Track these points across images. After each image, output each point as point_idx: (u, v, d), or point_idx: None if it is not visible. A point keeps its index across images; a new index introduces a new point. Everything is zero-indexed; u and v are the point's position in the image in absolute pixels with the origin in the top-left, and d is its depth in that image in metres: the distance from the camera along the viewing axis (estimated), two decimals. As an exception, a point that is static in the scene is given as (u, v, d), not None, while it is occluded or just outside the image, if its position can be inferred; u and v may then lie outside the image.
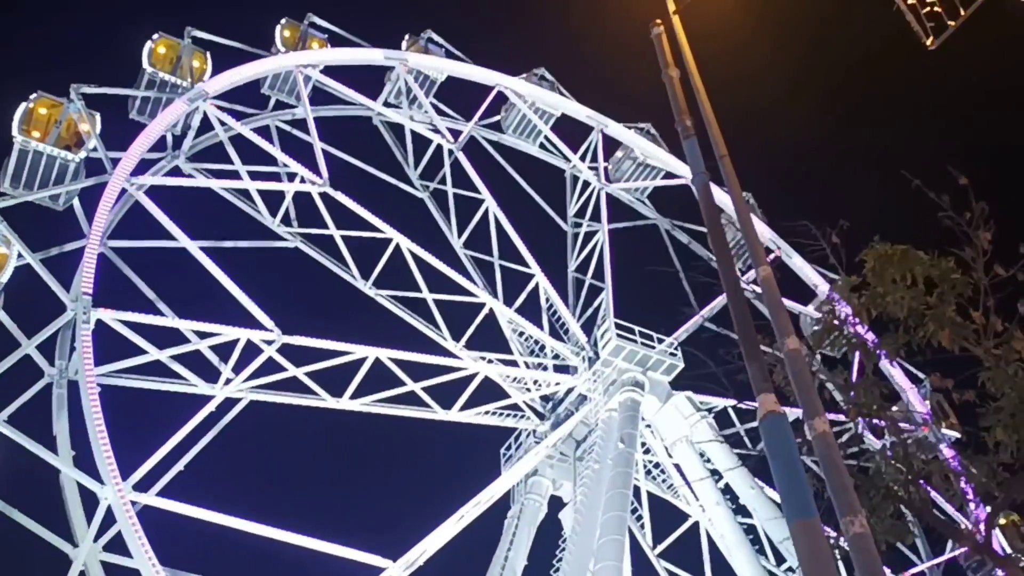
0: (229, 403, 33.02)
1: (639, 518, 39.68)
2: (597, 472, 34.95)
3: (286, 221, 40.06)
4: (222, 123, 38.56)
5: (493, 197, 44.41)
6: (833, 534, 10.79)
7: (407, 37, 49.21)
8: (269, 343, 33.07)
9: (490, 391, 39.24)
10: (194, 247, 34.12)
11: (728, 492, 37.32)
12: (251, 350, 33.17)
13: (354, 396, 35.46)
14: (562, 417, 39.93)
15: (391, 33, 49.99)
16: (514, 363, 40.67)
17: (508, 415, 39.91)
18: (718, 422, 40.71)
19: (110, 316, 31.12)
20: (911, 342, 15.64)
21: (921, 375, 38.35)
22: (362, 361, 35.27)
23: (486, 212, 44.19)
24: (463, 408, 38.11)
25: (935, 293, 14.60)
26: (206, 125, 39.24)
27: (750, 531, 36.90)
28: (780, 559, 36.63)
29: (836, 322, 16.27)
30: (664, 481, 40.50)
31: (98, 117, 35.29)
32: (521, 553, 37.68)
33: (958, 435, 35.69)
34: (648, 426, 38.93)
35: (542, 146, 52.01)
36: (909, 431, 16.40)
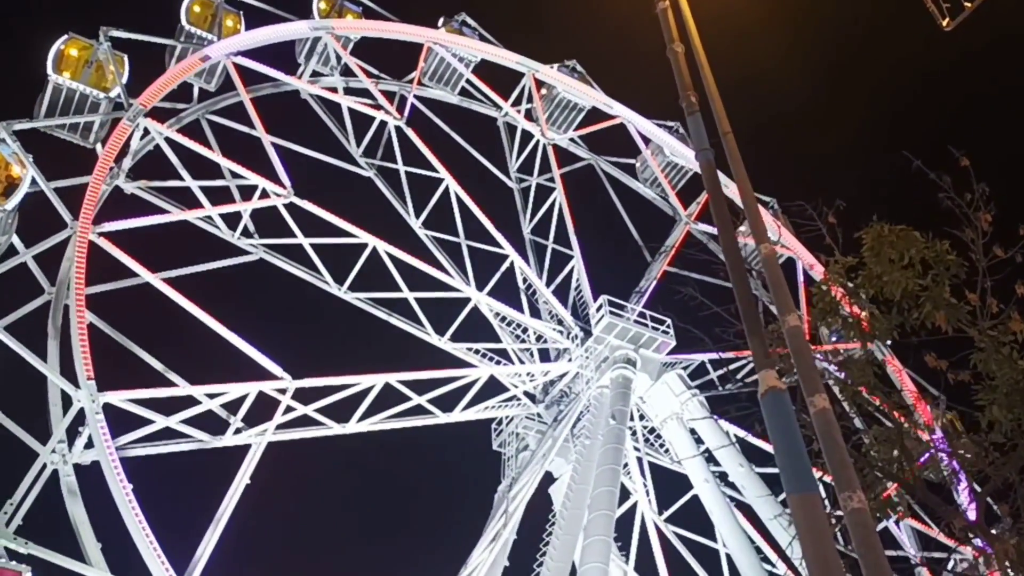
0: (241, 453, 32.88)
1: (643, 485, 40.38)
2: (588, 448, 35.48)
3: (246, 233, 38.84)
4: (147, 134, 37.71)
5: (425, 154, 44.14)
6: None
7: None
8: (283, 391, 33.24)
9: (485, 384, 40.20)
10: (165, 286, 33.96)
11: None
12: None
13: (360, 419, 35.86)
14: (556, 397, 41.27)
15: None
16: (503, 351, 41.74)
17: (506, 405, 41.14)
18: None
19: (119, 398, 30.26)
20: (904, 323, 15.70)
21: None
22: (370, 387, 35.76)
23: (441, 191, 44.07)
24: (464, 408, 39.00)
25: (930, 274, 14.64)
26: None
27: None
28: None
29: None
30: (663, 448, 40.50)
31: (31, 159, 33.88)
32: (510, 527, 37.84)
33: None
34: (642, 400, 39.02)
35: (466, 93, 51.09)
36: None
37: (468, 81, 50.25)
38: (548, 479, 41.33)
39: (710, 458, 38.43)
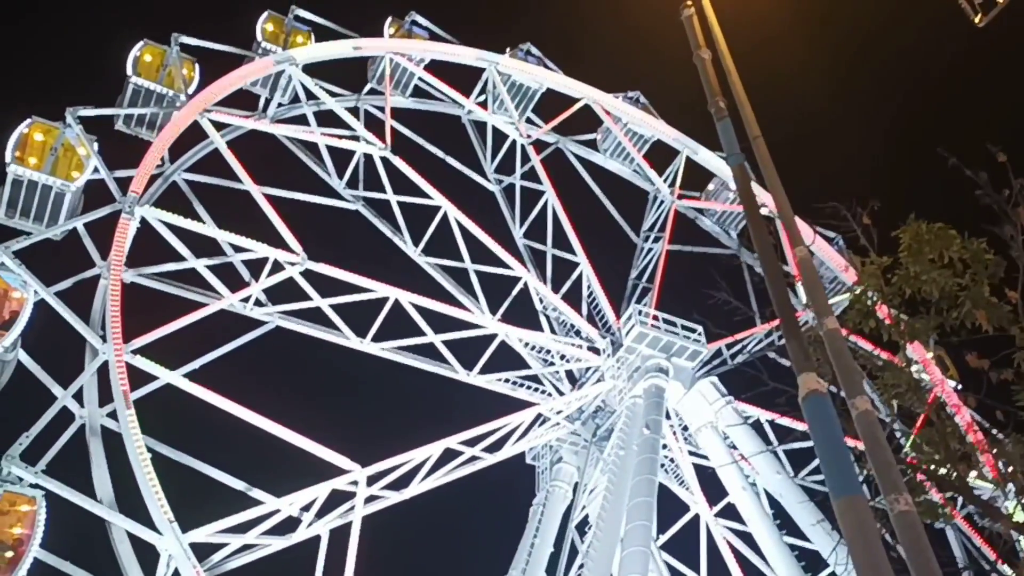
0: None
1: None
2: (622, 459, 35.72)
3: (258, 303, 38.07)
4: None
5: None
6: None
7: (264, 18, 46.25)
8: (355, 482, 33.96)
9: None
10: (211, 394, 33.21)
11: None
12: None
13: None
14: (591, 413, 42.32)
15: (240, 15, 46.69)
16: (533, 376, 42.47)
17: (553, 428, 41.91)
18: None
19: (205, 534, 30.10)
20: (944, 324, 15.49)
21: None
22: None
23: (439, 218, 43.72)
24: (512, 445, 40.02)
25: (968, 274, 14.47)
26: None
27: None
28: None
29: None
30: (673, 472, 40.59)
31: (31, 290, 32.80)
32: (547, 540, 37.91)
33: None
34: (669, 419, 39.04)
35: (426, 94, 50.55)
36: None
37: (427, 81, 49.61)
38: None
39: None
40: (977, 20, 23.72)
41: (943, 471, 14.81)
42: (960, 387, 37.56)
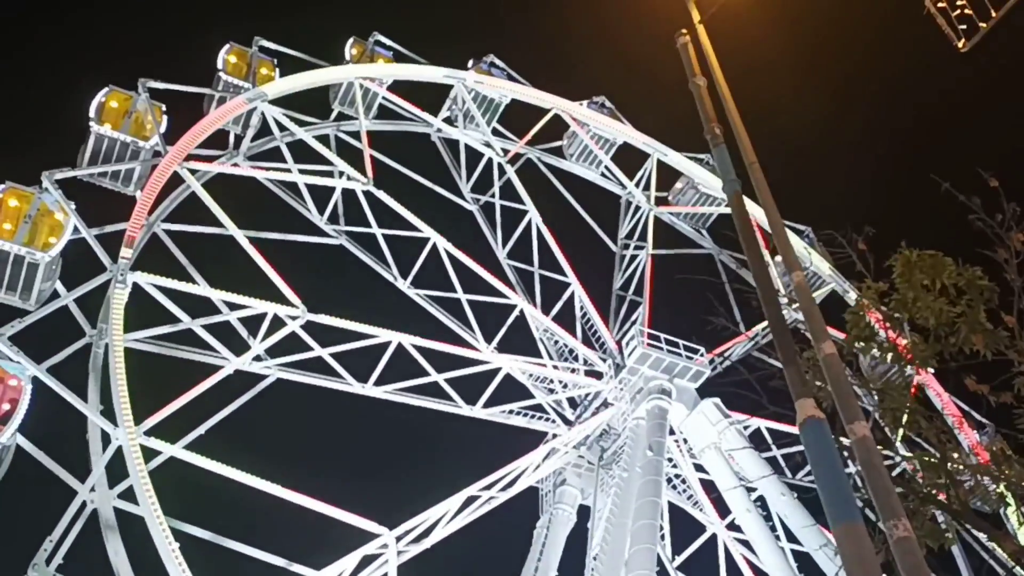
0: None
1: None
2: (626, 481, 35.70)
3: (258, 357, 37.19)
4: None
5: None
6: None
7: (228, 50, 45.53)
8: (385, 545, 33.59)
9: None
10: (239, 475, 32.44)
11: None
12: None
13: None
14: (596, 437, 42.45)
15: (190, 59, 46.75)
16: (537, 404, 42.67)
17: (562, 457, 42.15)
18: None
19: None
20: (943, 351, 15.64)
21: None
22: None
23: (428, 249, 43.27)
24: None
25: (964, 299, 14.68)
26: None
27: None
28: None
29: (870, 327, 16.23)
30: (685, 492, 40.45)
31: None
32: (551, 563, 37.88)
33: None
34: (673, 435, 38.95)
35: (387, 112, 50.20)
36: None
37: (392, 102, 49.10)
38: (583, 513, 41.24)
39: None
40: (960, 45, 23.91)
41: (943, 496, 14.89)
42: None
